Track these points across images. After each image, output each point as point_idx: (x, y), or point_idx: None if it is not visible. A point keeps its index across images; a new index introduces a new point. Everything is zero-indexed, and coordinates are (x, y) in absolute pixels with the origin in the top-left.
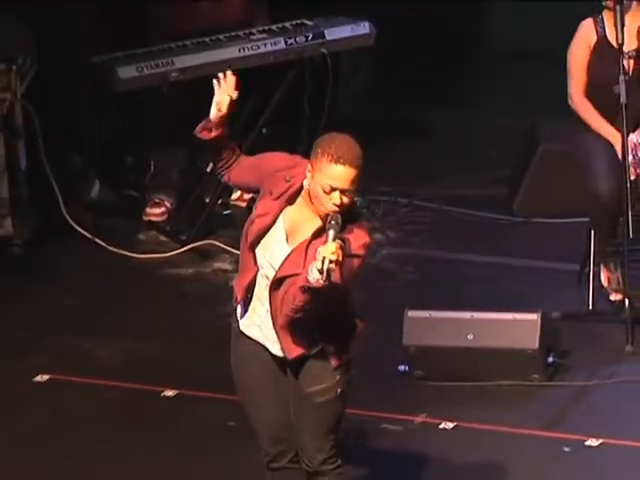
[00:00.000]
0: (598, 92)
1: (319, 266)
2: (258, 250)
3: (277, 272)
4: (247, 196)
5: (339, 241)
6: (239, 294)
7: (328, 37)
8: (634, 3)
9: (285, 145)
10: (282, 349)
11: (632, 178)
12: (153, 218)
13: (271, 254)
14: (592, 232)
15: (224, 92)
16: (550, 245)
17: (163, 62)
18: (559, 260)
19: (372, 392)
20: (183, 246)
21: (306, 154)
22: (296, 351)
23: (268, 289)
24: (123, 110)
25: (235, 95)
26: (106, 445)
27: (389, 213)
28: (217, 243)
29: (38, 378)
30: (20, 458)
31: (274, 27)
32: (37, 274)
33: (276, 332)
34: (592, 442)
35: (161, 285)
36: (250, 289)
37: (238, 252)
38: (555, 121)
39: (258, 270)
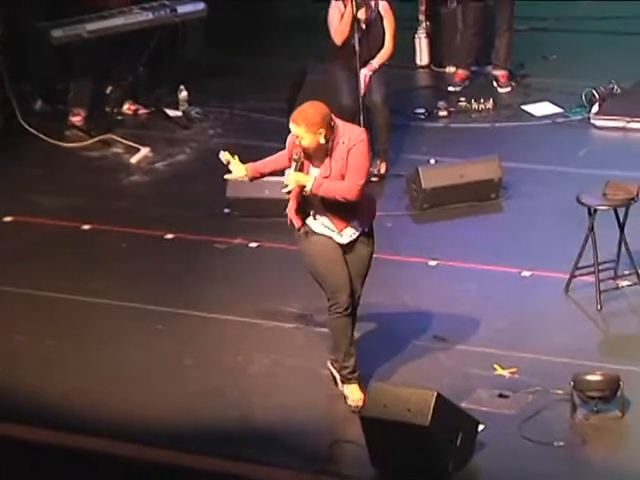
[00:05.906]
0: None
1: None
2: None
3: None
4: (133, 107)
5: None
6: (300, 219)
7: (180, 11)
8: None
9: (152, 74)
10: (338, 232)
11: (362, 94)
12: (74, 122)
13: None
14: None
15: (237, 175)
16: None
17: (79, 27)
18: None
19: (210, 226)
20: (92, 138)
21: (166, 81)
22: (349, 234)
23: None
24: (57, 56)
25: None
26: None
27: (217, 119)
28: (113, 137)
29: (6, 219)
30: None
31: (146, 5)
32: (3, 156)
33: (332, 222)
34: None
35: (80, 162)
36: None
37: (127, 142)
38: (317, 63)
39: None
